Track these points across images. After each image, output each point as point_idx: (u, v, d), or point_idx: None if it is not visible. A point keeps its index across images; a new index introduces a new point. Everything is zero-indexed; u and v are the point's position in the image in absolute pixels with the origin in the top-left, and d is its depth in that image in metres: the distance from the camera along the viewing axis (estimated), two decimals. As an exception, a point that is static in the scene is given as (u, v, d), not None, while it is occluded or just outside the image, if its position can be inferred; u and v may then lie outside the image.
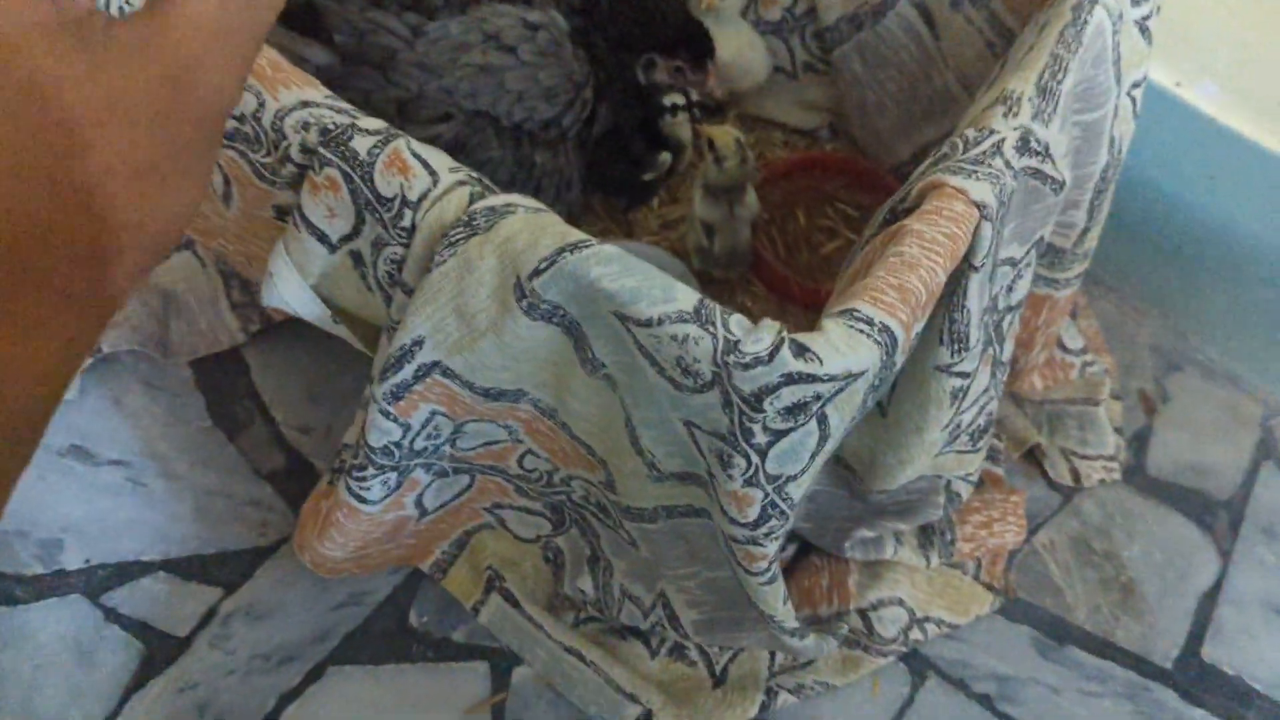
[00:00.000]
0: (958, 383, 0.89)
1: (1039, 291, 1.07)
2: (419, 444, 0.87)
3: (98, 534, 1.11)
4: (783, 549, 1.10)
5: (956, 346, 0.85)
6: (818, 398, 0.71)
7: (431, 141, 1.15)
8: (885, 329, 0.71)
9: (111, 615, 1.07)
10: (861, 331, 0.70)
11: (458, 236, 0.76)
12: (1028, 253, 0.89)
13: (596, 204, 1.32)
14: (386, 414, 0.82)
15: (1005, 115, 0.81)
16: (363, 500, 0.90)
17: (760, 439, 0.72)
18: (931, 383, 0.89)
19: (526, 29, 1.14)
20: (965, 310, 0.83)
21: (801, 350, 0.69)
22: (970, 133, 0.81)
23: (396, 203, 0.78)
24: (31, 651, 1.04)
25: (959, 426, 0.97)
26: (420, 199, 0.77)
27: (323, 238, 0.82)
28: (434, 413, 0.84)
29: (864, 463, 1.03)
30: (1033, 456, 1.26)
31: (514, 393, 0.84)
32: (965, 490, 1.08)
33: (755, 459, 0.74)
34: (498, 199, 0.78)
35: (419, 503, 0.98)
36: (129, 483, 1.14)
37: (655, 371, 0.74)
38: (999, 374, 0.98)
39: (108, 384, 1.19)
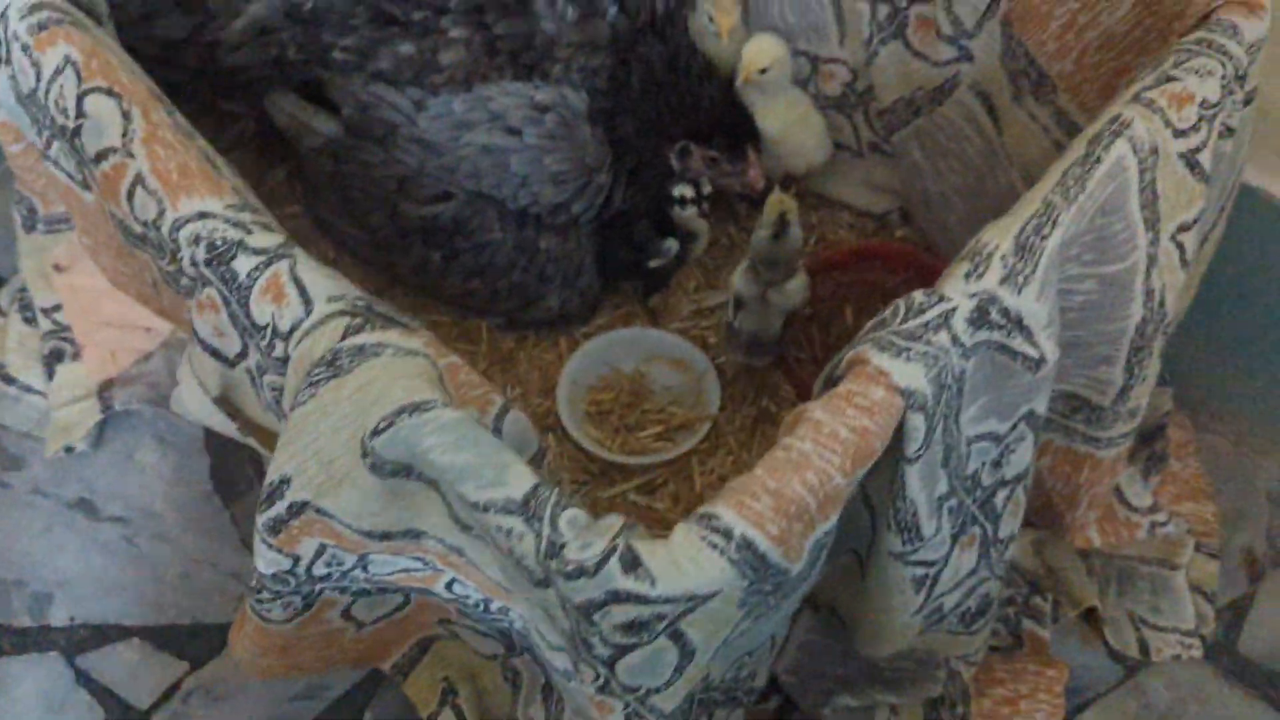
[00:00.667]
0: (919, 571, 0.76)
1: (1078, 449, 0.90)
2: (318, 570, 0.82)
3: (86, 592, 1.12)
4: (763, 698, 0.98)
5: (907, 536, 0.72)
6: (659, 617, 0.60)
7: (431, 221, 1.11)
8: (747, 544, 0.60)
9: (83, 678, 1.08)
10: (714, 546, 0.59)
11: (319, 376, 0.69)
12: (1015, 426, 0.74)
13: (625, 285, 1.23)
14: (268, 545, 0.77)
15: (968, 276, 0.67)
16: (266, 620, 0.85)
17: (600, 651, 0.62)
18: (890, 569, 0.76)
19: (534, 110, 1.06)
20: (909, 500, 0.69)
21: (633, 564, 0.59)
22: (919, 295, 0.67)
23: (269, 332, 0.72)
24: (6, 704, 1.07)
25: (940, 610, 0.83)
26: (292, 330, 0.72)
27: (216, 354, 0.78)
28: (323, 545, 0.79)
29: (852, 618, 0.91)
30: (1094, 617, 1.07)
31: (407, 532, 0.77)
32: (966, 670, 0.93)
33: (602, 669, 0.64)
34: (369, 337, 0.71)
35: (348, 614, 0.93)
36: (124, 541, 1.15)
37: (497, 552, 0.66)
38: (996, 553, 0.83)
39: (123, 436, 1.21)
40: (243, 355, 0.77)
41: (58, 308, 1.20)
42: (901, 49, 1.04)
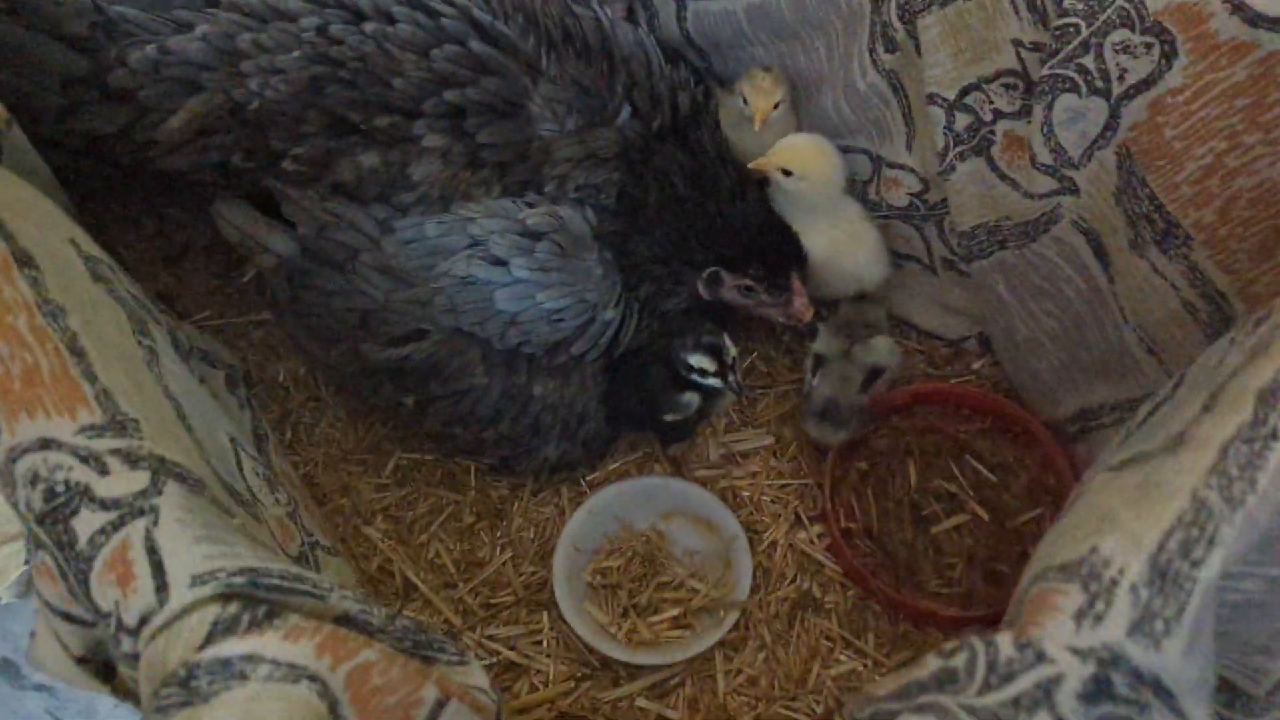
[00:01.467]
0: None
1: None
2: None
3: (2, 777, 0.97)
4: None
5: None
6: None
7: (400, 364, 0.92)
8: None
9: None
10: None
11: (169, 700, 0.51)
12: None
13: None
14: None
15: (1079, 619, 0.46)
16: None
17: None
18: None
19: (524, 236, 0.86)
20: None
21: None
22: (1006, 647, 0.46)
23: (112, 623, 0.54)
24: None
25: None
26: (140, 624, 0.53)
27: (71, 618, 0.60)
28: None
29: None
30: None
31: None
32: None
33: None
34: (239, 645, 0.52)
35: None
36: (47, 716, 0.99)
37: None
38: None
39: (61, 584, 1.05)
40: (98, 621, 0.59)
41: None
42: (985, 169, 0.82)
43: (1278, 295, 0.70)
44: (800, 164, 0.90)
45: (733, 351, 0.90)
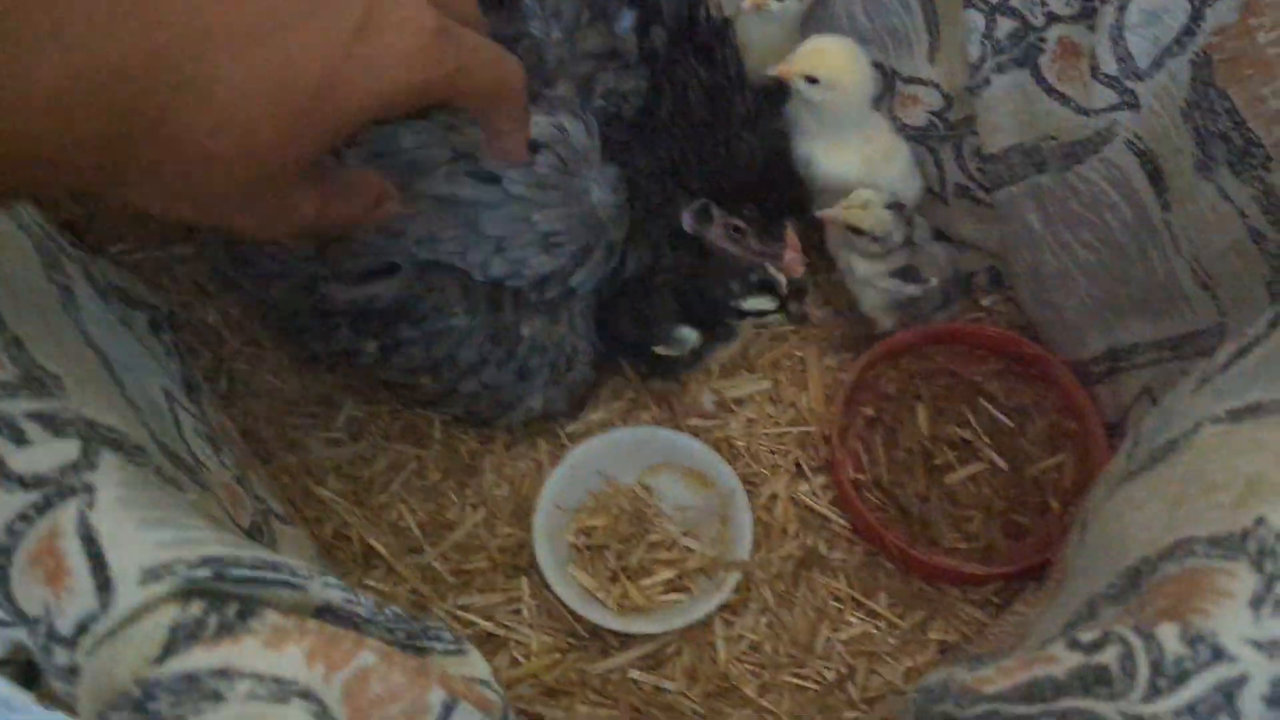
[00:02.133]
0: None
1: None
2: None
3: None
4: None
5: None
6: None
7: (366, 304, 0.80)
8: None
9: None
10: None
11: (119, 728, 0.40)
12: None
13: (628, 366, 0.93)
14: None
15: (1256, 604, 0.38)
16: None
17: None
18: None
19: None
20: None
21: None
22: (1170, 640, 0.38)
23: (41, 630, 0.43)
24: None
25: None
26: (78, 631, 0.42)
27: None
28: None
29: None
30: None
31: None
32: None
33: None
34: (208, 655, 0.41)
35: None
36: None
37: None
38: None
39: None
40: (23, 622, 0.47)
41: None
42: (1030, 82, 0.73)
43: (1362, 223, 0.64)
44: (828, 70, 0.80)
45: (783, 282, 0.81)
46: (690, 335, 0.83)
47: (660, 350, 0.85)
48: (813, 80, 0.81)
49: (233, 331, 0.94)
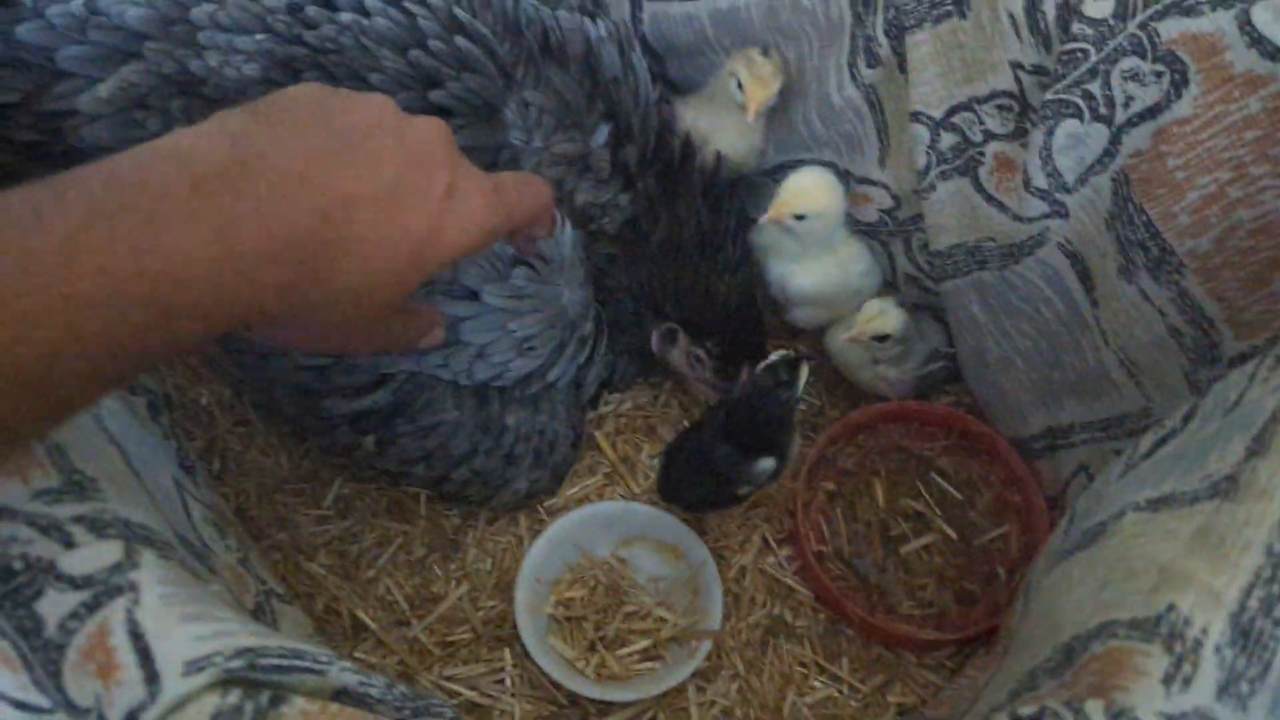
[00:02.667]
0: None
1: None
2: None
3: None
4: None
5: None
6: None
7: (363, 416, 0.83)
8: None
9: None
10: None
11: (168, 808, 0.45)
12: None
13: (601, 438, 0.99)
14: None
15: (1167, 683, 0.44)
16: None
17: None
18: None
19: (498, 263, 0.81)
20: None
21: None
22: (1096, 713, 0.44)
23: (92, 720, 0.47)
24: None
25: None
26: (128, 720, 0.46)
27: (22, 706, 0.52)
28: None
29: None
30: None
31: None
32: None
33: None
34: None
35: None
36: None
37: None
38: None
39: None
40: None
41: None
42: (970, 189, 0.81)
43: (1266, 323, 0.72)
44: (814, 206, 0.87)
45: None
46: (768, 463, 0.86)
47: (745, 491, 0.88)
48: (799, 217, 0.87)
49: (224, 412, 0.98)
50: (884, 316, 0.89)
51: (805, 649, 0.90)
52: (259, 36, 0.75)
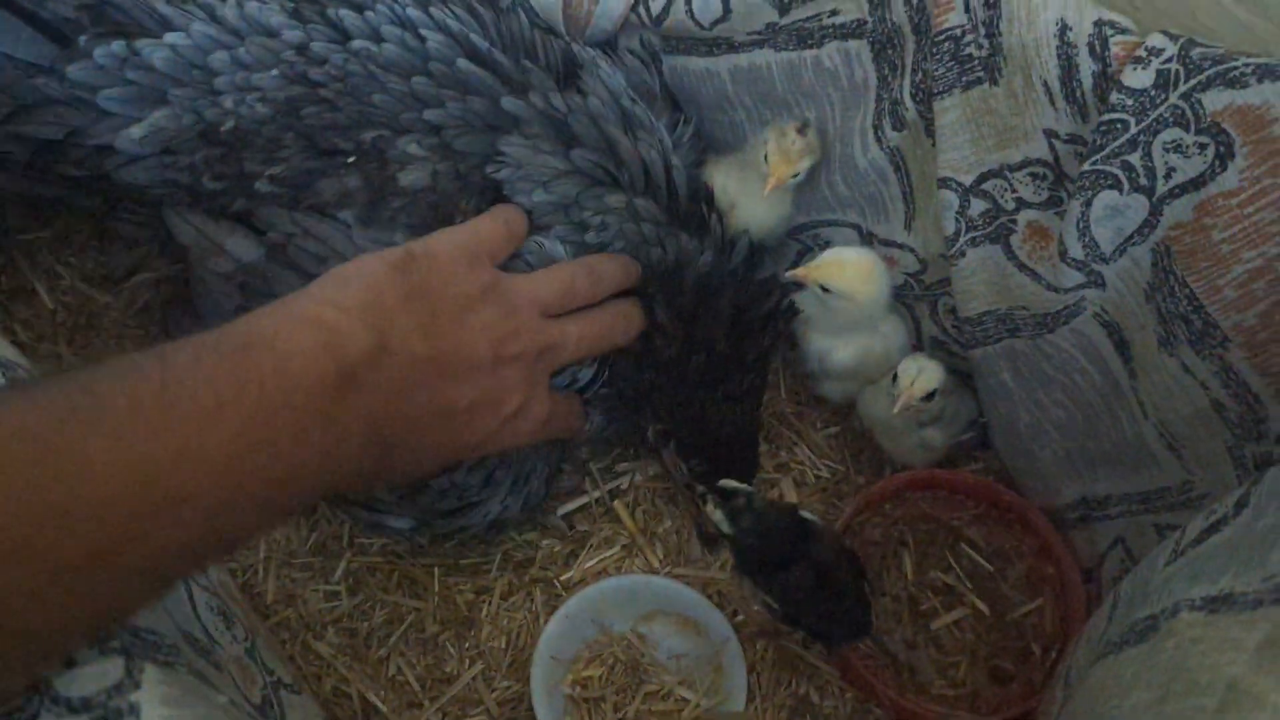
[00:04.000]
0: None
1: None
2: None
3: None
4: None
5: None
6: None
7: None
8: None
9: None
10: None
11: None
12: None
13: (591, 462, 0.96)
14: None
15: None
16: None
17: None
18: None
19: None
20: None
21: None
22: None
23: None
24: None
25: None
26: None
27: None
28: None
29: None
30: None
31: None
32: None
33: None
34: None
35: None
36: None
37: None
38: None
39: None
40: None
41: None
42: (1001, 256, 0.78)
43: (1315, 399, 0.69)
44: (844, 286, 0.84)
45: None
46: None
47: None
48: (825, 288, 0.85)
49: (231, 483, 0.95)
50: (925, 375, 0.85)
51: (833, 731, 0.87)
52: (273, 73, 0.79)
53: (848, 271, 0.84)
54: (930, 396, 0.85)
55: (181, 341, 0.48)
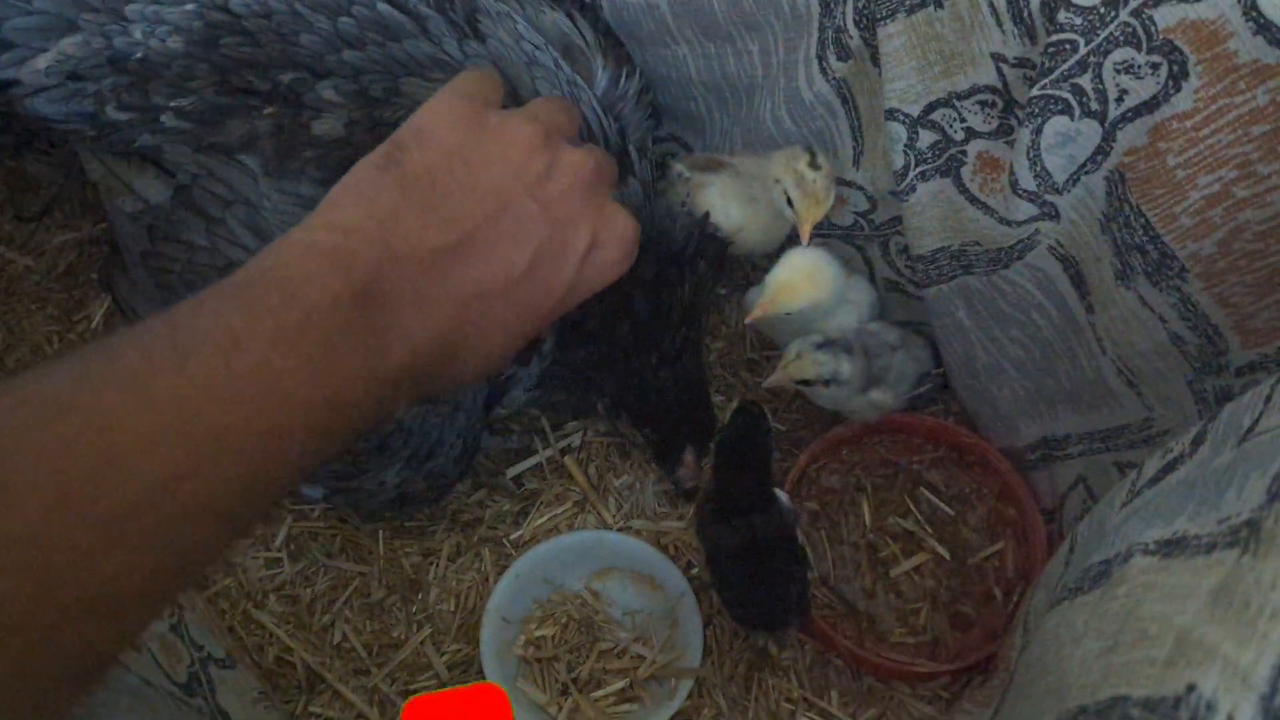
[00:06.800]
0: None
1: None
2: None
3: None
4: None
5: None
6: None
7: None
8: None
9: None
10: None
11: None
12: None
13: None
14: None
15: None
16: None
17: None
18: None
19: None
20: None
21: None
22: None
23: None
24: None
25: None
26: None
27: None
28: None
29: None
30: None
31: None
32: None
33: None
34: None
35: None
36: None
37: None
38: None
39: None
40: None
41: None
42: (952, 190, 0.75)
43: (1276, 330, 0.66)
44: (804, 299, 0.80)
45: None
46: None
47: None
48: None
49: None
50: (801, 360, 0.82)
51: (792, 683, 0.85)
52: (188, 7, 0.76)
53: (800, 287, 0.80)
54: (808, 384, 0.83)
55: (180, 302, 0.45)
